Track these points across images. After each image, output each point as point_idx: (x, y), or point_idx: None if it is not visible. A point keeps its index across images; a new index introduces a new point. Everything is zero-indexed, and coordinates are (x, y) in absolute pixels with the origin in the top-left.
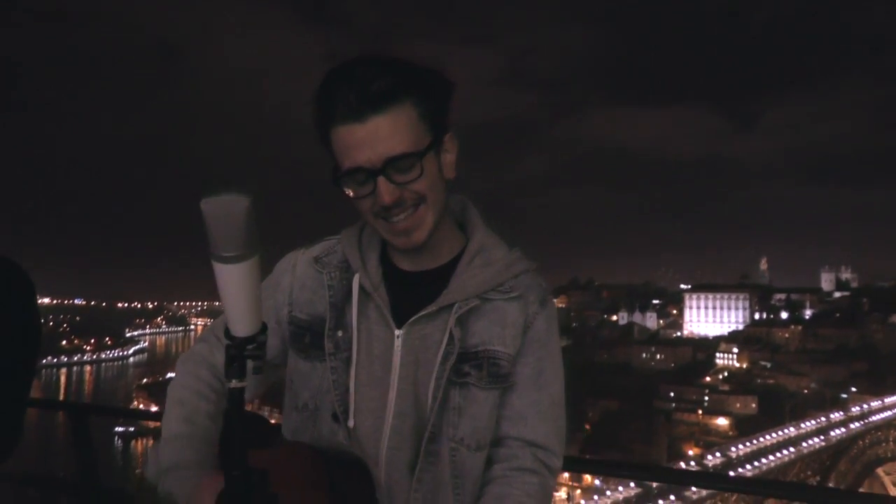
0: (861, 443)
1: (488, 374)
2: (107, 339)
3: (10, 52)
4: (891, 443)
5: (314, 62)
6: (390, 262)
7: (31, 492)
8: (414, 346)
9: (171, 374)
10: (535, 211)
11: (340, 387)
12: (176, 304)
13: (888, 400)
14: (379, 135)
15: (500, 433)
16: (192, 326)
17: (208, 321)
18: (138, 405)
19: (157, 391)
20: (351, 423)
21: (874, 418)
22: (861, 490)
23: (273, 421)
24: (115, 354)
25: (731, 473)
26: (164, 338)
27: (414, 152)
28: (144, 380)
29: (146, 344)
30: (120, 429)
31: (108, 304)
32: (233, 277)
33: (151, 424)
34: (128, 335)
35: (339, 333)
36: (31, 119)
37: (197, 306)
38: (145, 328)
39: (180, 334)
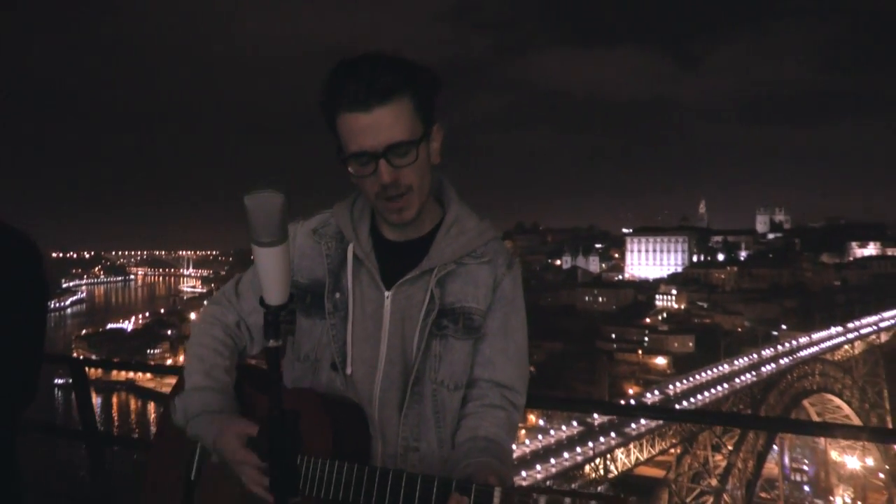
0: (789, 377)
1: (463, 326)
2: None
3: None
4: (816, 376)
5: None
6: (378, 233)
7: (36, 438)
8: (401, 305)
9: (111, 325)
10: (482, 152)
11: (339, 340)
12: (114, 253)
13: (815, 336)
14: (382, 124)
15: (473, 376)
16: (132, 276)
17: (148, 270)
18: (78, 356)
19: (98, 342)
20: (349, 371)
21: (802, 353)
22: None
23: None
24: (52, 305)
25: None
26: (102, 288)
27: (411, 140)
28: (84, 330)
29: (84, 294)
30: (60, 381)
31: (43, 255)
32: (269, 258)
33: (93, 375)
34: (64, 286)
35: (337, 295)
36: None
37: (136, 255)
38: (83, 278)
39: (120, 284)
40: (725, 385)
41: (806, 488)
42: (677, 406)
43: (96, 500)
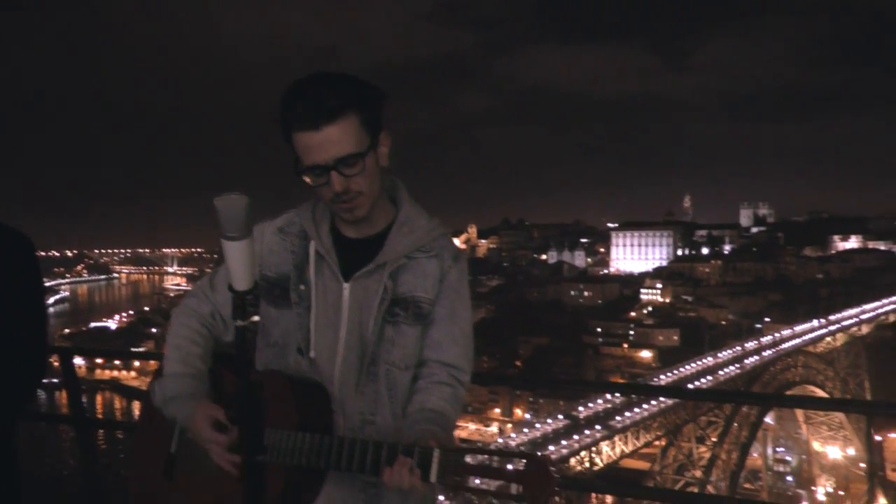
0: (772, 369)
1: (413, 314)
2: None
3: None
4: (799, 368)
5: None
6: (338, 231)
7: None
8: (358, 296)
9: (95, 324)
10: (470, 149)
11: (303, 328)
12: (98, 251)
13: (798, 328)
14: (331, 140)
15: (423, 357)
16: (116, 275)
17: (132, 269)
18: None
19: (81, 340)
20: (312, 355)
21: (785, 346)
22: (771, 412)
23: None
24: None
25: (654, 402)
26: (86, 287)
27: (358, 153)
28: (67, 330)
29: (67, 293)
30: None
31: None
32: (235, 250)
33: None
34: (47, 285)
35: (301, 287)
36: None
37: (120, 254)
38: (65, 277)
39: (103, 283)
40: (710, 377)
41: (789, 479)
42: (662, 399)
43: (83, 481)
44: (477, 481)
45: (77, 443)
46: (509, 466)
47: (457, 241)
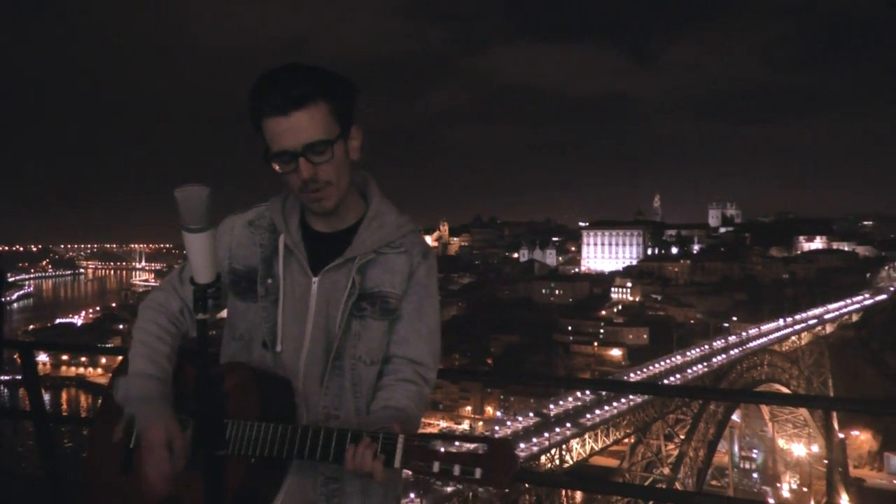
0: (739, 367)
1: (380, 309)
2: None
3: None
4: (765, 366)
5: None
6: (307, 225)
7: None
8: (326, 290)
9: (61, 320)
10: (442, 146)
11: (270, 321)
12: (63, 246)
13: (764, 327)
14: (300, 126)
15: (389, 353)
16: (82, 270)
17: (99, 264)
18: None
19: (47, 336)
20: (279, 348)
21: (751, 344)
22: (737, 410)
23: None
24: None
25: (623, 400)
26: (51, 282)
27: (326, 140)
28: (31, 326)
29: (31, 289)
30: (6, 377)
31: None
32: (197, 243)
33: (42, 371)
34: (10, 279)
35: (269, 281)
36: None
37: (87, 249)
38: (30, 272)
39: (69, 278)
40: (678, 376)
41: (755, 475)
42: (631, 398)
43: (44, 477)
44: (441, 466)
45: (37, 439)
46: (471, 447)
47: (428, 239)
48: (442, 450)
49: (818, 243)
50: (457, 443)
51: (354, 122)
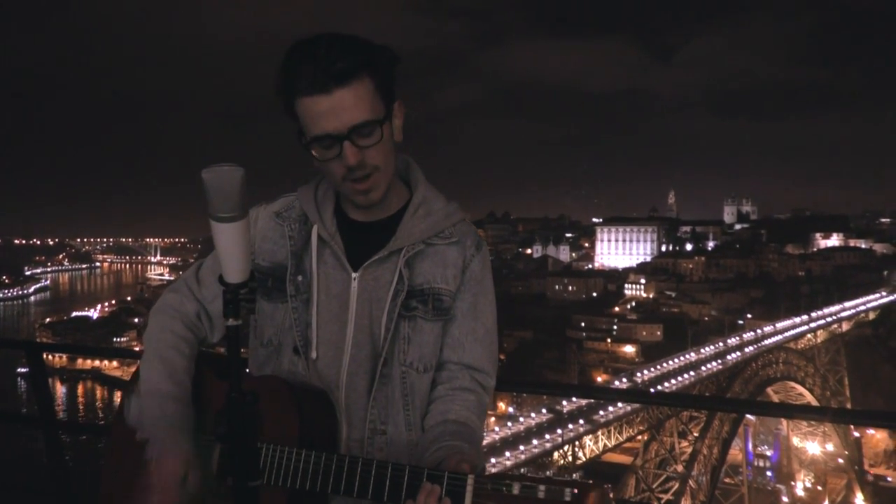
0: (754, 364)
1: (433, 307)
2: (3, 277)
3: None
4: (780, 364)
5: None
6: (343, 214)
7: None
8: (368, 286)
9: (77, 313)
10: (455, 141)
11: (301, 324)
12: (79, 240)
13: (780, 325)
14: (344, 105)
15: (442, 358)
16: (98, 264)
17: (114, 258)
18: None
19: (62, 329)
20: (314, 355)
21: (766, 342)
22: None
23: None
24: (15, 293)
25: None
26: (67, 275)
27: (374, 119)
28: (48, 319)
29: (48, 282)
30: (23, 370)
31: (5, 241)
32: (228, 234)
33: (58, 364)
34: (28, 273)
35: (299, 278)
36: None
37: (102, 243)
38: (47, 266)
39: (85, 272)
40: (692, 373)
41: (769, 474)
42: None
43: (54, 488)
44: None
45: (46, 448)
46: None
47: None
48: (519, 495)
49: (835, 240)
50: (541, 487)
51: (397, 97)
